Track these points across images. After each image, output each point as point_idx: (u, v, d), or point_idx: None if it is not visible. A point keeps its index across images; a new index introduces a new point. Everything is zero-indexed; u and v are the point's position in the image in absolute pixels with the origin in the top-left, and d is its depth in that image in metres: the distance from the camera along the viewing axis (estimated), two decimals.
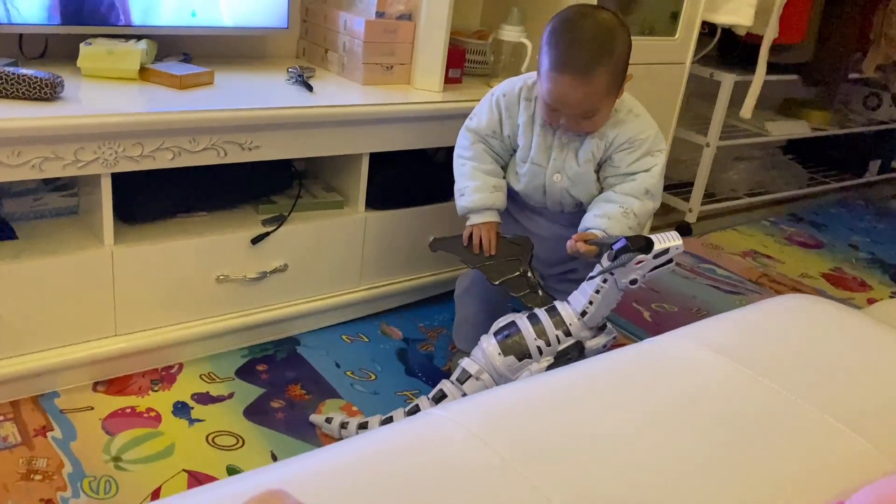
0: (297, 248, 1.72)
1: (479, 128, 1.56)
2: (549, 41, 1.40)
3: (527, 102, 1.52)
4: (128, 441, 1.41)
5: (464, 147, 1.57)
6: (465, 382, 1.40)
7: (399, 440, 0.76)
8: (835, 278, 2.57)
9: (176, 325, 1.61)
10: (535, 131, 1.52)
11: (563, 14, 1.42)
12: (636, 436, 0.85)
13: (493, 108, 1.54)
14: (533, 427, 0.81)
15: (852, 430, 0.88)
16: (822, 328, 1.11)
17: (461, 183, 1.56)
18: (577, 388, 0.91)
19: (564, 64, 1.37)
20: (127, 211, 1.56)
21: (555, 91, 1.40)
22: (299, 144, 1.63)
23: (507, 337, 1.40)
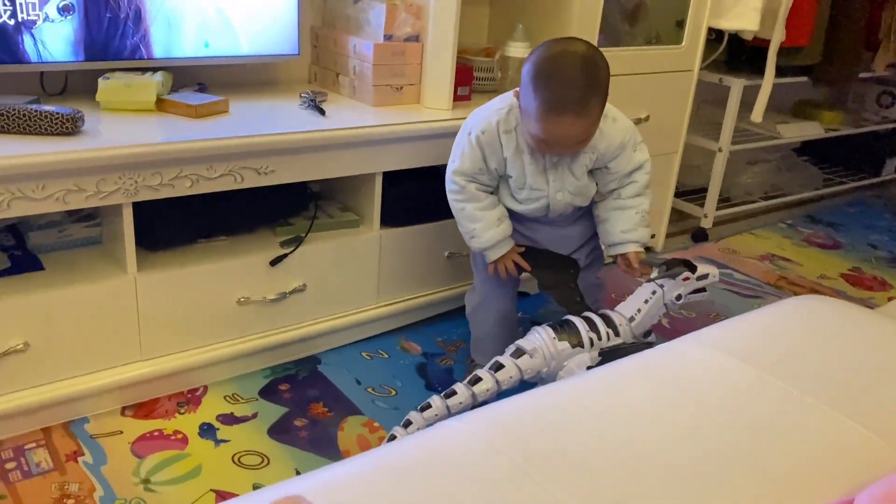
0: (314, 267, 1.75)
1: (465, 169, 1.56)
2: (538, 84, 1.39)
3: (507, 135, 1.52)
4: (156, 463, 1.44)
5: (456, 192, 1.59)
6: (520, 358, 1.48)
7: (415, 451, 0.78)
8: (854, 278, 2.56)
9: (199, 349, 1.65)
10: (524, 160, 1.54)
11: (543, 54, 1.41)
12: (652, 441, 0.86)
13: (473, 148, 1.54)
14: (550, 433, 0.83)
15: (867, 429, 0.88)
16: (838, 329, 1.12)
17: (467, 227, 1.60)
18: (595, 393, 0.92)
19: (562, 106, 1.39)
20: (149, 238, 1.60)
21: (554, 131, 1.42)
22: (314, 167, 1.66)
23: (561, 326, 1.52)
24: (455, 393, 1.43)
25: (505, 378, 1.46)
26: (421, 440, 0.80)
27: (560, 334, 1.51)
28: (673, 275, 1.55)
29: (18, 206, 1.35)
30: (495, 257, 1.60)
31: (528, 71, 1.42)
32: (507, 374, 1.47)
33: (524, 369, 1.48)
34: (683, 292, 1.56)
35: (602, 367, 1.03)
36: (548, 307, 2.15)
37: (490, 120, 1.53)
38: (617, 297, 2.26)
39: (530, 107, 1.42)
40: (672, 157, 2.51)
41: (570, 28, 2.06)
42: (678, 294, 1.55)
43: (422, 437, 0.81)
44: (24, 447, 1.45)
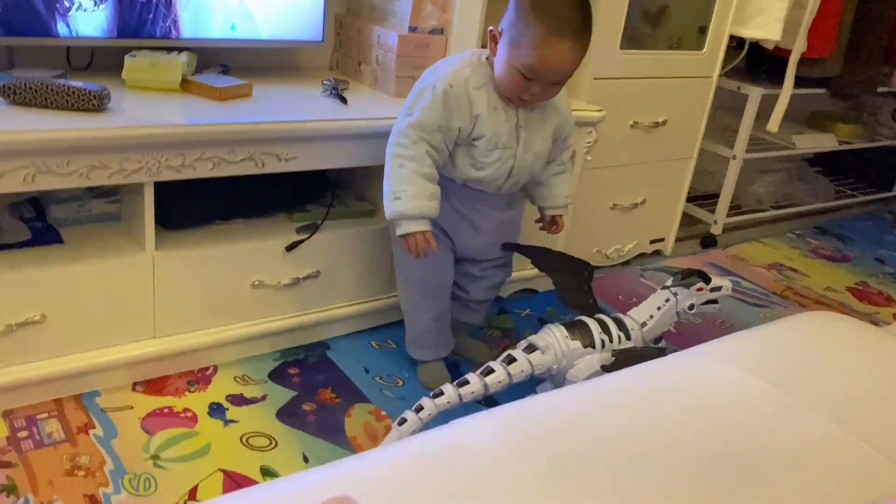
0: (329, 255, 1.77)
1: (423, 122, 1.44)
2: (538, 7, 1.34)
3: (478, 91, 1.46)
4: (166, 440, 1.46)
5: (403, 146, 1.46)
6: (533, 354, 1.50)
7: (431, 450, 0.80)
8: (860, 293, 2.58)
9: (212, 329, 1.66)
10: (499, 116, 1.48)
11: None
12: (663, 452, 0.88)
13: (437, 101, 1.44)
14: (564, 441, 0.84)
15: (877, 450, 0.90)
16: (849, 346, 1.13)
17: (397, 185, 1.46)
18: (608, 402, 0.94)
19: (564, 28, 1.34)
20: (167, 217, 1.61)
21: (551, 58, 1.36)
22: (334, 156, 1.68)
23: (574, 326, 1.55)
24: (468, 382, 1.45)
25: (517, 371, 1.48)
26: (439, 440, 0.82)
27: (573, 334, 1.53)
28: (687, 284, 1.57)
29: (43, 180, 1.36)
30: (410, 229, 1.46)
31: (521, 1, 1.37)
32: (519, 368, 1.49)
33: (535, 365, 1.50)
34: (696, 302, 1.59)
35: (617, 374, 1.05)
36: (555, 306, 2.17)
37: (457, 75, 1.45)
38: (624, 298, 2.28)
39: (524, 35, 1.36)
40: (687, 162, 2.52)
41: (594, 29, 2.07)
42: (691, 304, 1.58)
43: (441, 437, 0.83)
44: (36, 417, 1.47)
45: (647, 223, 2.51)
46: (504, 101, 1.49)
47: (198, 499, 1.34)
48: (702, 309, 1.62)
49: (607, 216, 2.36)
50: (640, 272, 2.43)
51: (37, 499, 1.29)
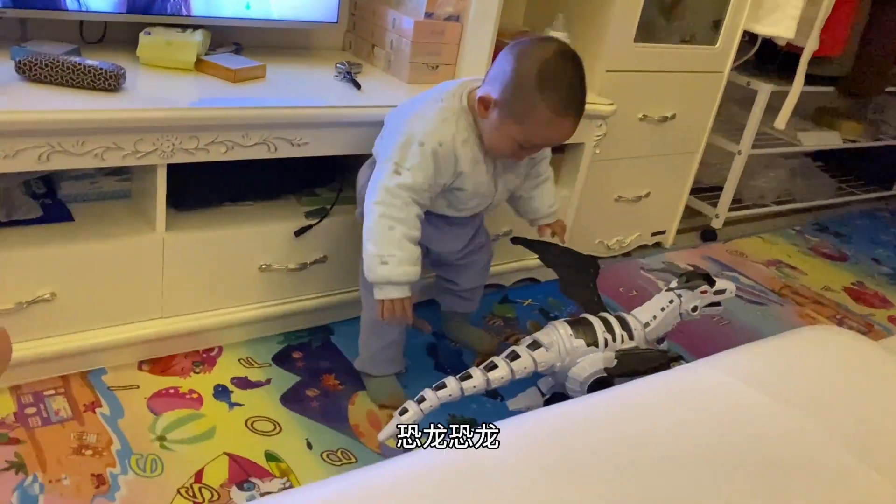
0: (336, 241, 1.77)
1: (415, 185, 1.40)
2: (543, 86, 1.34)
3: (465, 147, 1.43)
4: (172, 421, 1.48)
5: (394, 206, 1.40)
6: (537, 351, 1.52)
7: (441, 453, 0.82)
8: (856, 293, 2.60)
9: (218, 311, 1.67)
10: (479, 169, 1.48)
11: (539, 55, 1.35)
12: (668, 466, 0.90)
13: (427, 160, 1.40)
14: (570, 453, 0.86)
15: (875, 471, 0.92)
16: (850, 364, 1.15)
17: (385, 249, 1.39)
18: (613, 415, 0.96)
19: (568, 107, 1.37)
20: (178, 198, 1.61)
21: (554, 134, 1.41)
22: (347, 142, 1.67)
23: (579, 324, 1.56)
24: (470, 377, 1.47)
25: (519, 368, 1.50)
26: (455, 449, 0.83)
27: (577, 332, 1.54)
28: (691, 287, 1.59)
29: (57, 159, 1.36)
30: (392, 295, 1.42)
31: (528, 74, 1.34)
32: (522, 365, 1.50)
33: (539, 362, 1.51)
34: (700, 304, 1.60)
35: (625, 386, 1.06)
36: (557, 296, 2.19)
37: (445, 132, 1.41)
38: (624, 290, 2.30)
39: (529, 114, 1.36)
40: (693, 156, 2.53)
41: (609, 21, 2.06)
42: (695, 305, 1.60)
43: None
44: (43, 394, 1.48)
45: (650, 215, 2.52)
46: (482, 153, 1.47)
47: (204, 482, 1.36)
48: (705, 311, 1.64)
49: (611, 208, 2.37)
50: (646, 271, 2.45)
51: (45, 476, 1.31)
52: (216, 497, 1.33)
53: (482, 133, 1.44)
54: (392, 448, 1.48)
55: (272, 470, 1.41)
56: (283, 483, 1.39)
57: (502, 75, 1.38)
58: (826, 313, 2.41)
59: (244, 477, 1.38)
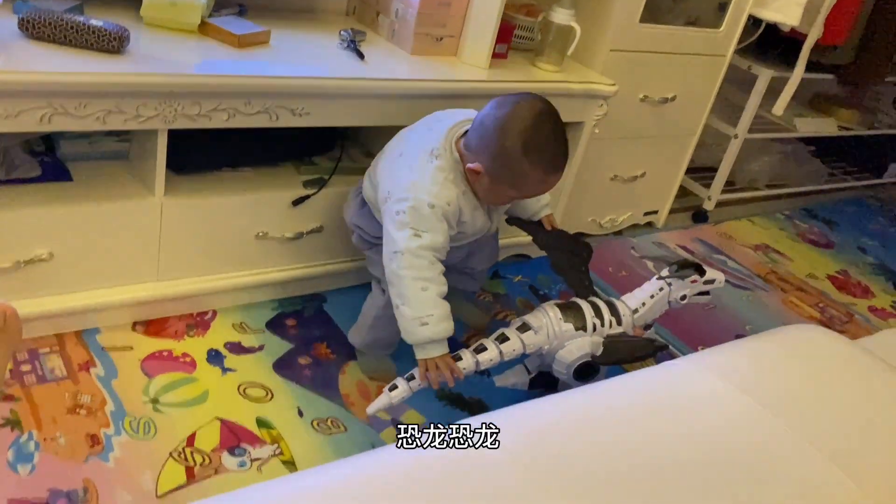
0: (333, 211, 1.78)
1: (436, 244, 1.43)
2: (531, 151, 1.39)
3: (465, 198, 1.48)
4: (165, 384, 1.50)
5: (423, 268, 1.42)
6: (525, 333, 1.54)
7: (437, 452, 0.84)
8: (840, 281, 2.65)
9: (214, 276, 1.69)
10: (477, 214, 1.53)
11: (519, 125, 1.39)
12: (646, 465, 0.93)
13: (441, 220, 1.43)
14: (558, 447, 0.89)
15: (851, 480, 0.96)
16: (837, 368, 1.19)
17: (423, 310, 1.41)
18: (599, 411, 0.99)
19: (558, 164, 1.44)
20: (177, 162, 1.61)
21: (547, 188, 1.50)
22: (348, 113, 1.67)
23: (568, 308, 1.57)
24: (461, 358, 1.49)
25: (508, 350, 1.53)
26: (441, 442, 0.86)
27: (566, 315, 1.57)
28: (682, 276, 1.61)
29: (59, 121, 1.35)
30: (436, 354, 1.43)
31: (513, 146, 1.39)
32: (511, 347, 1.53)
33: (527, 344, 1.54)
34: (689, 293, 1.63)
35: (609, 385, 1.09)
36: (547, 273, 2.21)
37: (451, 192, 1.44)
38: (614, 270, 2.33)
39: (521, 178, 1.42)
40: (690, 138, 2.54)
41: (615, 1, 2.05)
42: (683, 294, 1.62)
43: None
44: (38, 351, 1.50)
45: (644, 195, 2.54)
46: (477, 201, 1.52)
47: (196, 446, 1.39)
48: (693, 300, 1.67)
49: (607, 186, 2.38)
50: (639, 256, 2.47)
51: (40, 434, 1.34)
52: (207, 461, 1.37)
53: (474, 188, 1.49)
54: (382, 419, 1.52)
55: (263, 436, 1.44)
56: (273, 450, 1.42)
57: (488, 148, 1.41)
58: (809, 301, 2.46)
59: (235, 442, 1.42)
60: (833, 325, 2.34)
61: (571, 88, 1.96)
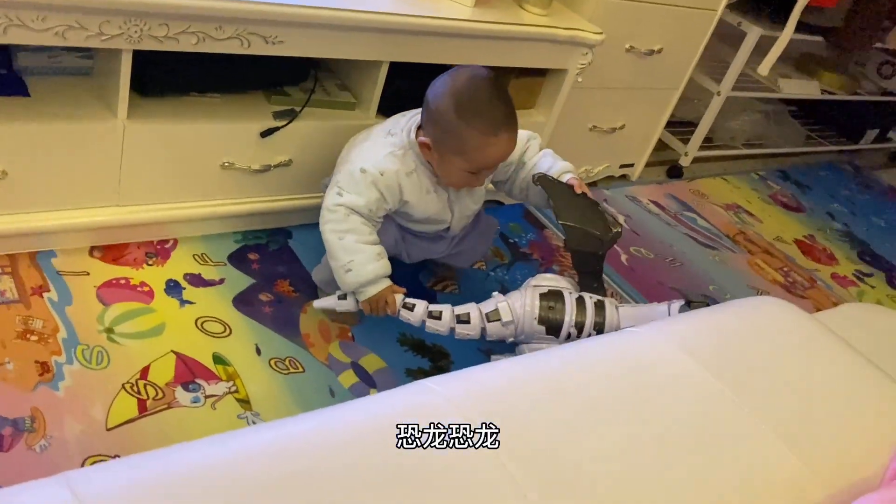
0: (303, 145, 1.73)
1: (355, 206, 1.45)
2: (466, 114, 1.38)
3: (409, 178, 1.48)
4: (121, 314, 1.47)
5: (336, 221, 1.45)
6: (492, 322, 1.47)
7: (392, 413, 0.83)
8: (806, 246, 2.67)
9: (176, 204, 1.64)
10: (429, 199, 1.52)
11: (454, 87, 1.40)
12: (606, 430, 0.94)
13: (369, 187, 1.45)
14: (519, 418, 0.89)
15: (803, 463, 0.98)
16: (794, 344, 1.19)
17: (343, 258, 1.44)
18: (563, 378, 0.99)
19: (498, 125, 1.41)
20: (140, 81, 1.54)
21: (495, 154, 1.44)
22: (323, 45, 1.61)
23: (550, 309, 1.47)
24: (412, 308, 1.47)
25: (462, 334, 1.48)
26: (399, 407, 0.85)
27: (543, 312, 1.46)
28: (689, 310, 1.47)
29: (15, 33, 1.28)
30: (372, 293, 1.45)
31: (447, 108, 1.39)
32: (466, 332, 1.48)
33: (489, 333, 1.48)
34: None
35: (565, 349, 1.09)
36: (518, 221, 2.19)
37: (387, 166, 1.46)
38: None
39: (464, 143, 1.41)
40: (673, 92, 2.50)
41: None
42: None
43: (397, 398, 0.86)
44: None
45: (621, 148, 2.51)
46: (436, 182, 1.51)
47: (149, 379, 1.37)
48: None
49: (585, 137, 2.35)
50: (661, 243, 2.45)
51: None
52: (160, 395, 1.35)
53: (436, 171, 1.49)
54: (341, 362, 1.51)
55: (219, 373, 1.43)
56: (228, 387, 1.41)
57: (429, 118, 1.44)
58: (774, 264, 2.48)
59: (190, 377, 1.40)
60: (795, 289, 2.37)
61: (556, 34, 1.90)
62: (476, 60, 1.84)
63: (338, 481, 0.72)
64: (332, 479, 0.72)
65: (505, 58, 1.89)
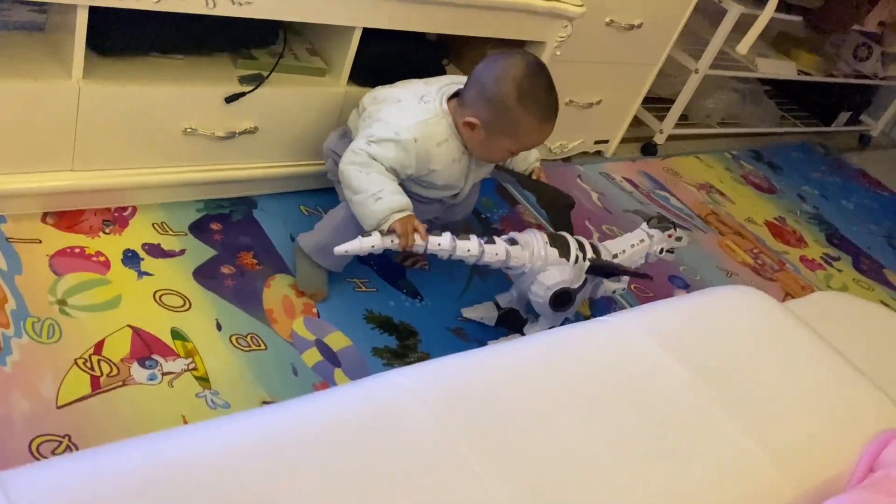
0: (270, 112, 1.66)
1: (382, 158, 1.46)
2: (523, 102, 1.46)
3: (440, 147, 1.51)
4: (75, 284, 1.40)
5: (361, 162, 1.46)
6: (513, 246, 1.52)
7: (358, 409, 0.80)
8: (776, 228, 2.67)
9: (135, 170, 1.57)
10: (454, 167, 1.57)
11: (512, 73, 1.46)
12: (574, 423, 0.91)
13: (400, 148, 1.47)
14: (486, 411, 0.86)
15: (768, 455, 0.96)
16: (766, 335, 1.18)
17: (372, 188, 1.43)
18: (532, 369, 0.96)
19: (550, 113, 1.51)
20: (98, 39, 1.45)
21: (541, 138, 1.54)
22: (293, 8, 1.53)
23: (555, 238, 1.56)
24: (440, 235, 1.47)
25: (491, 253, 1.50)
26: (363, 399, 0.81)
27: (553, 241, 1.55)
28: (662, 228, 1.65)
29: None
30: (401, 216, 1.44)
31: (508, 94, 1.45)
32: (494, 251, 1.51)
33: (512, 255, 1.52)
34: (665, 247, 1.66)
35: (541, 335, 1.06)
36: (490, 196, 2.15)
37: (423, 132, 1.48)
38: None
39: (518, 126, 1.48)
40: (651, 68, 2.46)
41: None
42: (661, 248, 1.65)
43: (364, 395, 0.82)
44: None
45: (597, 123, 2.47)
46: (463, 151, 1.56)
47: (104, 354, 1.31)
48: (665, 256, 1.69)
49: (561, 111, 2.22)
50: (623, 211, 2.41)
51: None
52: (115, 371, 1.30)
53: (469, 145, 1.54)
54: (305, 339, 1.47)
55: (177, 349, 1.38)
56: (186, 364, 1.36)
57: (483, 99, 1.48)
58: (745, 246, 2.47)
59: (147, 353, 1.35)
60: (764, 272, 2.37)
61: (535, 5, 1.84)
62: (453, 30, 1.78)
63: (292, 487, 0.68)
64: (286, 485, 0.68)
65: (482, 28, 1.83)
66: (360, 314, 1.60)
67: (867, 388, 1.16)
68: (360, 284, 1.67)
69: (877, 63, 3.47)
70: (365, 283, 1.68)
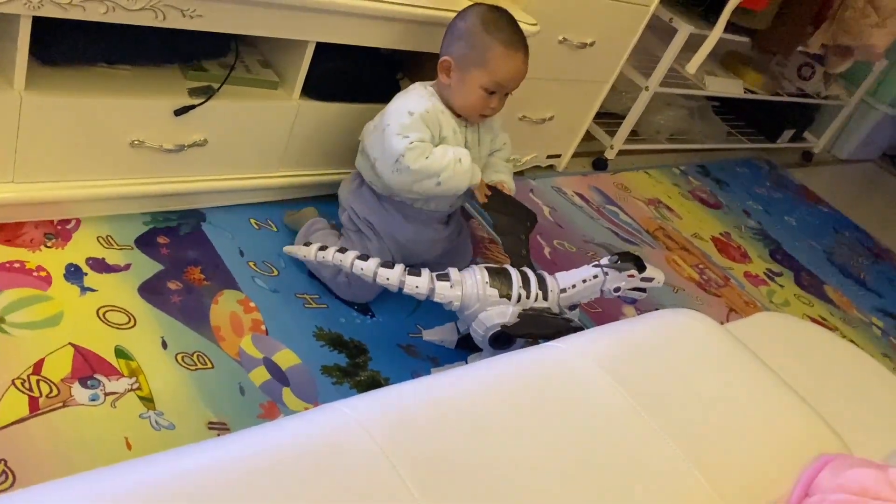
0: (221, 124, 1.64)
1: (424, 139, 1.56)
2: (489, 29, 1.56)
3: (444, 115, 1.62)
4: (14, 301, 1.37)
5: (418, 152, 1.55)
6: (440, 281, 1.50)
7: (304, 443, 0.79)
8: (722, 244, 2.73)
9: (79, 182, 1.53)
10: (456, 138, 1.64)
11: (475, 10, 1.59)
12: (518, 452, 0.92)
13: (421, 123, 1.57)
14: (432, 443, 0.86)
15: (708, 481, 0.98)
16: (707, 360, 1.20)
17: (447, 157, 1.56)
18: (476, 397, 0.96)
19: (516, 43, 1.58)
20: (42, 48, 1.42)
21: (511, 70, 1.59)
22: (246, 22, 1.51)
23: (497, 274, 1.53)
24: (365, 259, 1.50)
25: (411, 285, 1.48)
26: (312, 432, 0.80)
27: (493, 280, 1.51)
28: (620, 268, 1.56)
29: None
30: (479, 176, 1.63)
31: (473, 23, 1.57)
32: (414, 284, 1.49)
33: (437, 292, 1.49)
34: (623, 287, 1.57)
35: (488, 362, 1.07)
36: None
37: (427, 103, 1.60)
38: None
39: (485, 54, 1.56)
40: (603, 85, 2.49)
41: None
42: (617, 286, 1.57)
43: (313, 428, 0.81)
44: None
45: (550, 138, 2.50)
46: (457, 123, 1.64)
47: (43, 374, 1.28)
48: (628, 294, 1.60)
49: (514, 126, 2.32)
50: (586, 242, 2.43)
51: None
52: (55, 392, 1.26)
53: (451, 101, 1.62)
54: (253, 358, 1.46)
55: (121, 368, 1.35)
56: (130, 384, 1.33)
57: (451, 39, 1.60)
58: (691, 261, 2.52)
59: (89, 373, 1.31)
60: (710, 287, 2.43)
61: None
62: (406, 45, 1.78)
63: None
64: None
65: (436, 43, 1.83)
66: (309, 331, 1.59)
67: (805, 413, 1.19)
68: (311, 300, 1.66)
69: (819, 82, 3.58)
70: (315, 298, 1.67)
